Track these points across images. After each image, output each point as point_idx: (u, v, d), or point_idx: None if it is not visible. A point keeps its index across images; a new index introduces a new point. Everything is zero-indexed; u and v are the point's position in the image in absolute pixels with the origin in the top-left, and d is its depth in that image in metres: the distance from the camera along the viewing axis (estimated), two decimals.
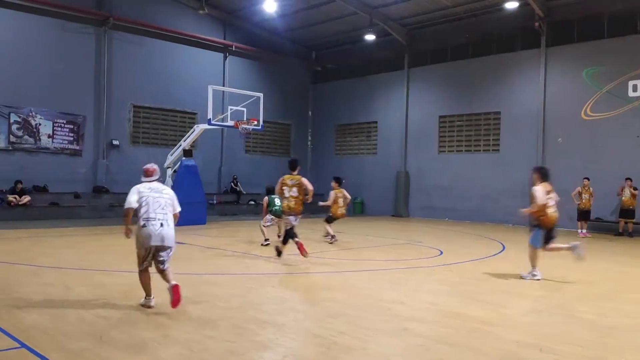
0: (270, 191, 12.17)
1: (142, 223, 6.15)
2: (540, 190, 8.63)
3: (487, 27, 21.92)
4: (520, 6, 20.12)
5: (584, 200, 16.80)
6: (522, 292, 7.78)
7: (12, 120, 18.89)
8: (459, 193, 22.26)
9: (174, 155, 18.56)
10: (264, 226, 12.42)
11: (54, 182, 19.56)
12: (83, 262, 9.56)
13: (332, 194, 13.35)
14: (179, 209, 6.52)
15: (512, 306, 6.88)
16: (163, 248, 6.20)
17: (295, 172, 10.04)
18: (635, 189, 16.76)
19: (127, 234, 6.38)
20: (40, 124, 19.50)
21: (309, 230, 14.43)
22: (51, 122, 19.73)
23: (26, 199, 18.13)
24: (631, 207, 16.72)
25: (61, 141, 20.01)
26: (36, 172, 19.25)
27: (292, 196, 9.86)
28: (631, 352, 5.07)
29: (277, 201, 11.53)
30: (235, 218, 21.20)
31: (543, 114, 20.01)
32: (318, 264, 10.09)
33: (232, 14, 24.65)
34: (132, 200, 6.22)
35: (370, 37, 23.96)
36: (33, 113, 19.32)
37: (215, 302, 6.68)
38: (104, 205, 19.95)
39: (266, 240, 12.25)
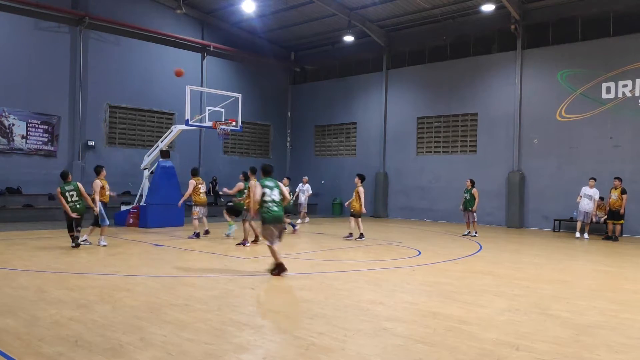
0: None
1: None
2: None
3: (464, 29, 22.16)
4: (496, 9, 20.40)
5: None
6: (498, 291, 7.88)
7: None
8: (437, 194, 22.45)
9: (150, 156, 18.34)
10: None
11: (27, 184, 19.21)
12: (58, 265, 9.41)
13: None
14: None
15: (489, 305, 6.96)
16: None
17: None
18: (623, 191, 15.71)
19: None
20: (13, 125, 19.12)
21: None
22: (25, 123, 19.36)
23: None
24: (619, 209, 15.68)
25: (35, 142, 19.66)
26: (9, 173, 18.88)
27: None
28: (605, 349, 5.16)
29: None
30: (213, 220, 21.03)
31: (519, 115, 20.29)
32: (297, 265, 10.08)
33: (210, 14, 24.50)
34: None
35: (349, 39, 24.06)
36: (6, 113, 18.94)
37: (193, 304, 6.63)
38: None
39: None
